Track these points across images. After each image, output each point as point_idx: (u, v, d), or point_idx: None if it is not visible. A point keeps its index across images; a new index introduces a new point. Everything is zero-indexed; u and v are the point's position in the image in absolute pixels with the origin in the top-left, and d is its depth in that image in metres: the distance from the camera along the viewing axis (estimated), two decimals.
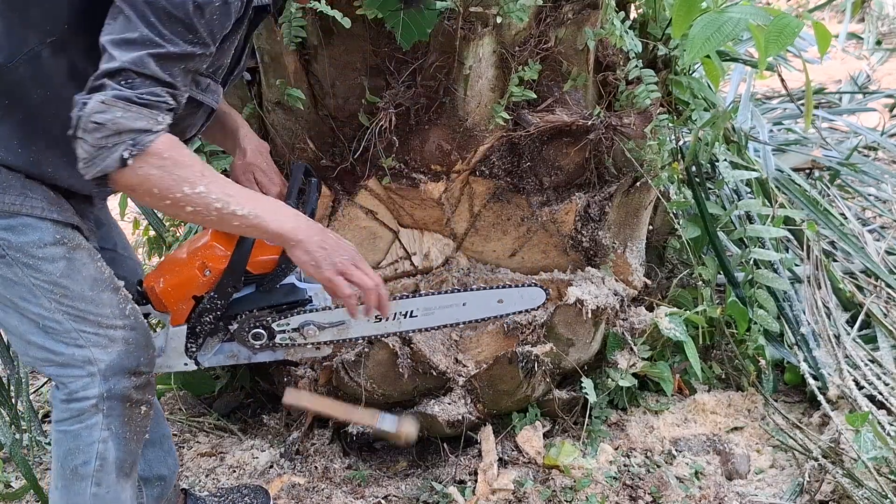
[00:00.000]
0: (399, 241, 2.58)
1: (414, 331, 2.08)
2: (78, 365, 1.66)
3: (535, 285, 2.12)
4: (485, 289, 2.08)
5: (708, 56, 2.69)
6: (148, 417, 1.78)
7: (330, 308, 1.92)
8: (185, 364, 1.94)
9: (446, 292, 2.04)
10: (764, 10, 1.77)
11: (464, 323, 2.06)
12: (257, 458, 2.60)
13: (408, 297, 1.99)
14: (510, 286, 2.14)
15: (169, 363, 1.94)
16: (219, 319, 1.88)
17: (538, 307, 2.15)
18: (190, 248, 1.89)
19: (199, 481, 2.51)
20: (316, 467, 2.54)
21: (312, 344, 1.95)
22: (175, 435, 2.77)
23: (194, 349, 1.93)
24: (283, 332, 1.92)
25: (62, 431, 1.71)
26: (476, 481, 2.41)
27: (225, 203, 1.52)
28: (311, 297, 1.92)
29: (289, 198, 1.91)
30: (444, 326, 2.07)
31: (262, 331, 1.90)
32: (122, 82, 1.39)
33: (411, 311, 1.98)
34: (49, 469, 2.42)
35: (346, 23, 2.20)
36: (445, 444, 2.55)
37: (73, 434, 1.70)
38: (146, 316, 1.88)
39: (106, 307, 1.68)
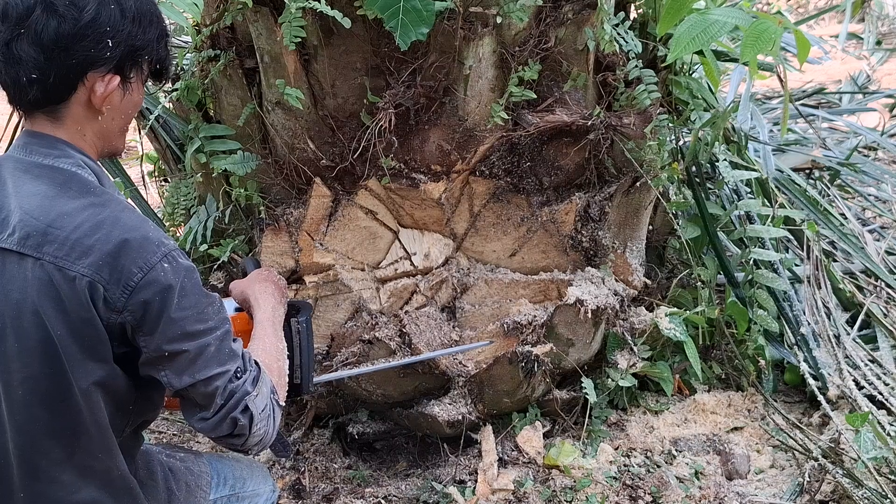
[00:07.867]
0: (399, 241, 2.58)
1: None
2: None
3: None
4: None
5: (703, 54, 2.69)
6: None
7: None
8: None
9: None
10: (747, 13, 1.77)
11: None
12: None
13: None
14: None
15: None
16: None
17: None
18: None
19: None
20: (316, 467, 2.54)
21: None
22: (175, 435, 2.77)
23: None
24: None
25: None
26: (476, 481, 2.41)
27: (277, 343, 1.69)
28: None
29: None
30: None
31: None
32: (240, 373, 1.44)
33: None
34: None
35: (346, 23, 2.20)
36: (445, 444, 2.55)
37: None
38: None
39: None
